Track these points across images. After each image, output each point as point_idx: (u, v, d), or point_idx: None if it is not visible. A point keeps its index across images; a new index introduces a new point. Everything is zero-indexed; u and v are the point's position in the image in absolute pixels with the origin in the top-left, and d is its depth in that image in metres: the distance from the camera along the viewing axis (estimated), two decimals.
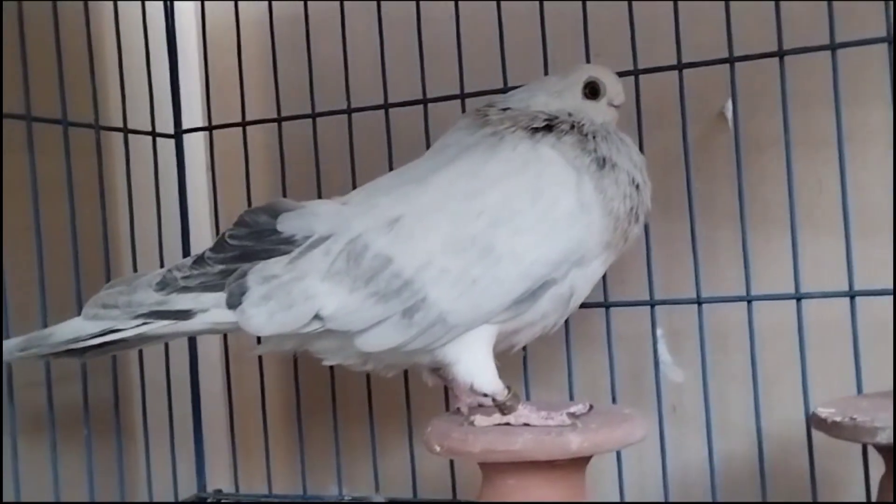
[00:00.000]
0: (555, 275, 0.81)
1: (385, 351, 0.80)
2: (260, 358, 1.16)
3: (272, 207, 0.84)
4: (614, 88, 0.90)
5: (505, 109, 0.87)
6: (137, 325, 0.81)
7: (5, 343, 0.84)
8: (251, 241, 0.82)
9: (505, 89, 1.01)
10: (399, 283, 0.78)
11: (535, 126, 0.85)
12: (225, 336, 1.21)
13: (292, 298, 0.78)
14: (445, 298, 0.78)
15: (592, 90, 0.89)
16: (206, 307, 0.80)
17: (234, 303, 0.79)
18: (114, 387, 1.06)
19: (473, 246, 0.79)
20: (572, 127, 0.85)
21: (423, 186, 0.82)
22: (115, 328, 0.81)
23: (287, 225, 0.82)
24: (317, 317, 0.79)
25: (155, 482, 1.14)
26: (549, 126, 0.85)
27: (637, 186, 0.85)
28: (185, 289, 0.80)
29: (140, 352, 1.12)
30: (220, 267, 0.81)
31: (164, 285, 0.81)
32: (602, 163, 0.83)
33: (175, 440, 1.17)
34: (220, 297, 0.80)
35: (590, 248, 0.82)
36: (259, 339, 0.89)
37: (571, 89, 0.89)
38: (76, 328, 0.82)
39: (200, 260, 0.82)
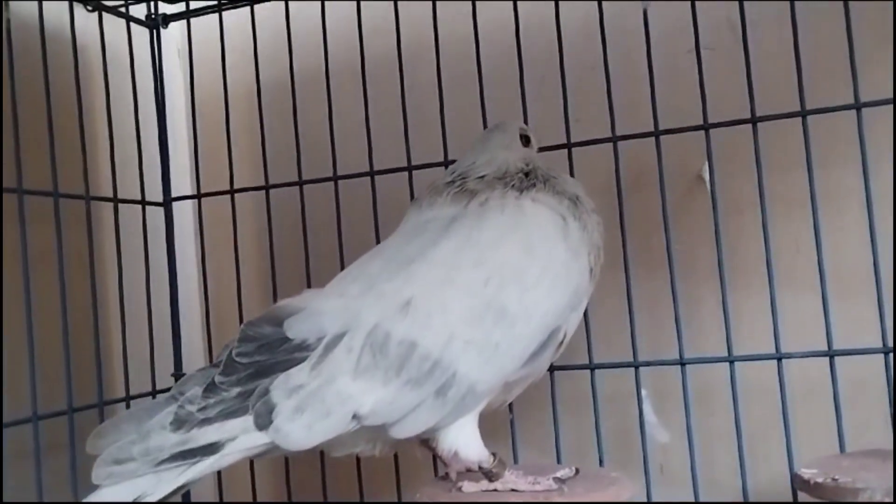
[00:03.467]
0: (560, 322, 0.83)
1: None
2: None
3: (273, 315, 0.80)
4: (533, 138, 0.96)
5: (482, 177, 0.89)
6: (172, 480, 0.74)
7: None
8: (263, 356, 0.77)
9: None
10: (429, 365, 0.77)
11: (521, 185, 0.88)
12: None
13: (328, 405, 0.75)
14: (474, 368, 0.78)
15: (526, 139, 0.94)
16: (234, 435, 0.75)
17: (263, 423, 0.74)
18: None
19: (488, 312, 0.79)
20: (538, 176, 0.89)
21: (426, 264, 0.82)
22: (148, 497, 0.73)
23: (296, 330, 0.78)
24: (354, 416, 0.76)
25: None
26: (529, 177, 0.89)
27: (595, 211, 0.89)
28: (206, 421, 0.74)
29: None
30: (237, 389, 0.75)
31: (180, 423, 0.74)
32: (574, 200, 0.87)
33: None
34: (247, 420, 0.75)
35: (583, 289, 0.85)
36: None
37: (515, 141, 0.93)
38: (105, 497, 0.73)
39: (212, 386, 0.76)
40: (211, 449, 0.74)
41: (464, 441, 0.81)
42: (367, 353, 0.77)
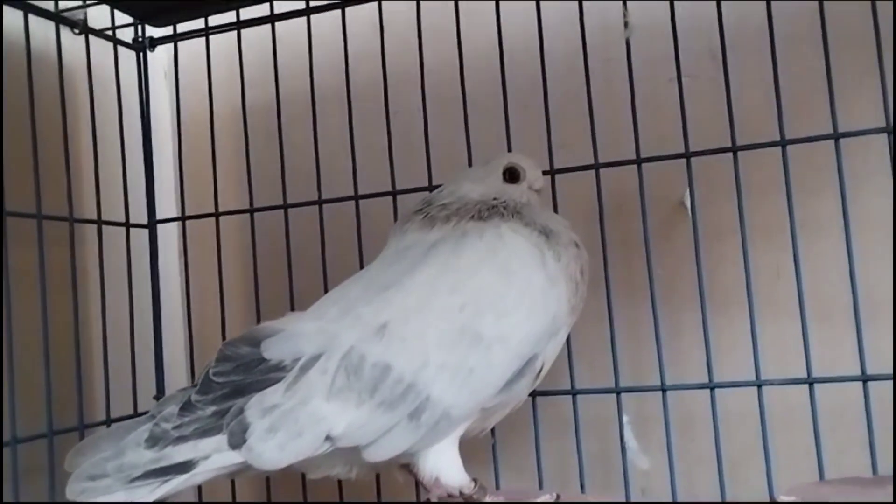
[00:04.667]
0: (537, 349, 0.83)
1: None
2: None
3: (251, 336, 0.81)
4: (533, 174, 0.95)
5: (444, 205, 0.91)
6: (144, 496, 0.74)
7: None
8: (239, 375, 0.78)
9: None
10: (402, 388, 0.78)
11: (481, 215, 0.89)
12: None
13: (301, 425, 0.76)
14: (448, 393, 0.79)
15: (512, 175, 0.94)
16: (207, 453, 0.75)
17: (236, 442, 0.75)
18: None
19: (463, 337, 0.80)
20: (505, 207, 0.90)
21: (403, 289, 0.82)
22: None
23: (273, 351, 0.79)
24: (327, 438, 0.77)
25: None
26: (493, 209, 0.89)
27: (577, 246, 0.89)
28: (180, 439, 0.75)
29: None
30: (213, 408, 0.76)
31: (154, 441, 0.75)
32: (545, 232, 0.87)
33: None
34: (221, 439, 0.75)
35: (561, 317, 0.85)
36: None
37: (493, 175, 0.94)
38: None
39: (188, 405, 0.77)
40: (184, 467, 0.75)
41: (445, 466, 0.81)
42: (341, 375, 0.77)
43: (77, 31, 1.17)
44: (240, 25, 1.21)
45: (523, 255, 0.85)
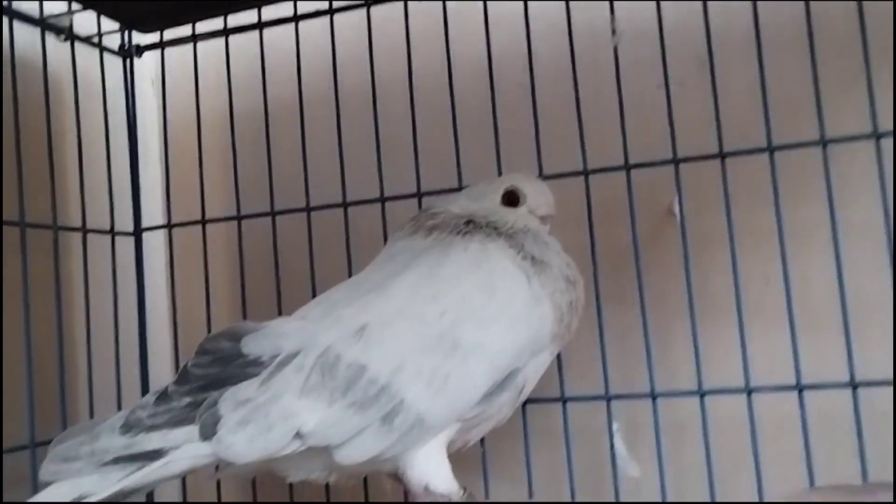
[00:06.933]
0: (518, 364, 0.83)
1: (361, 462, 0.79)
2: None
3: (233, 332, 0.82)
4: (536, 200, 0.94)
5: (432, 215, 0.92)
6: (112, 484, 0.74)
7: None
8: (217, 368, 0.79)
9: (460, 188, 1.04)
10: (376, 389, 0.77)
11: (459, 229, 0.89)
12: None
13: (271, 420, 0.76)
14: (422, 398, 0.78)
15: (510, 199, 0.93)
16: (178, 443, 0.75)
17: (208, 433, 0.75)
18: None
19: (441, 344, 0.80)
20: (493, 228, 0.90)
21: (385, 293, 0.83)
22: (88, 497, 0.74)
23: (252, 347, 0.80)
24: (297, 435, 0.76)
25: None
26: (473, 224, 0.90)
27: (570, 281, 0.88)
28: (153, 427, 0.75)
29: None
30: (188, 399, 0.77)
31: (128, 427, 0.76)
32: (532, 259, 0.87)
33: None
34: (192, 430, 0.75)
35: (543, 338, 0.85)
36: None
37: (491, 196, 0.93)
38: (47, 496, 0.75)
39: (165, 395, 0.77)
40: (154, 455, 0.75)
41: (433, 473, 0.81)
42: (316, 373, 0.77)
43: (63, 37, 1.16)
44: (228, 32, 1.20)
45: (508, 270, 0.85)
